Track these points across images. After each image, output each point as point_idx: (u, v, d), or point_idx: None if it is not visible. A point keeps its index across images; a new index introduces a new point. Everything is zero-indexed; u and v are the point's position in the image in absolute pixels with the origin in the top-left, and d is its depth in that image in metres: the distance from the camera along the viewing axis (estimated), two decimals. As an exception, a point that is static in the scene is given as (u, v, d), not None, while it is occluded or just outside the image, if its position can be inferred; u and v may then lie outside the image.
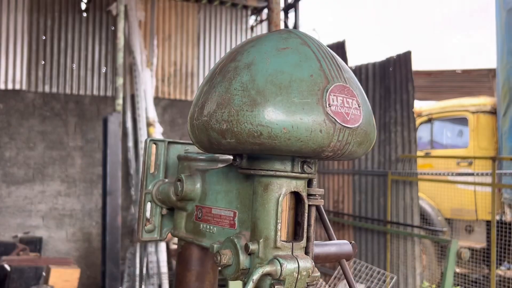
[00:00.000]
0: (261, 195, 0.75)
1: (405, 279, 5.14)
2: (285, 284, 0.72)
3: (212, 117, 0.70)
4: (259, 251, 0.74)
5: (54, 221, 6.23)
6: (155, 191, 1.01)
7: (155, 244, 6.11)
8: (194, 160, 0.97)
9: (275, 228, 0.74)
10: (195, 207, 0.94)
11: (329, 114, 0.65)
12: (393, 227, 5.25)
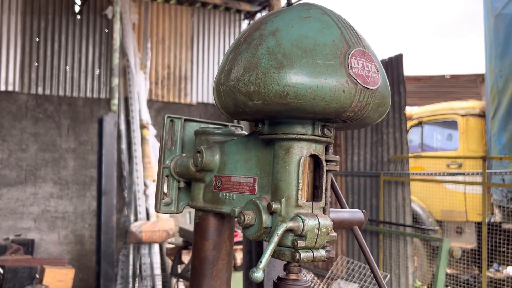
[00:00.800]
0: (283, 158, 0.79)
1: (398, 278, 5.20)
2: (306, 240, 0.76)
3: (239, 81, 0.74)
4: (281, 210, 0.78)
5: (46, 223, 6.19)
6: (172, 165, 1.05)
7: (148, 246, 6.10)
8: (211, 134, 1.01)
9: (297, 188, 0.78)
10: (213, 178, 0.98)
11: (351, 76, 0.70)
12: (386, 227, 5.31)
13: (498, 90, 5.98)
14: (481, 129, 6.62)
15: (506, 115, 5.86)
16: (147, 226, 5.72)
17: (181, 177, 1.04)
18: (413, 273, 5.22)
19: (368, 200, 5.68)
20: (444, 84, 11.14)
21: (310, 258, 0.77)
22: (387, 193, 5.41)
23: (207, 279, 1.01)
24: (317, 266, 6.04)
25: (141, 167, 6.33)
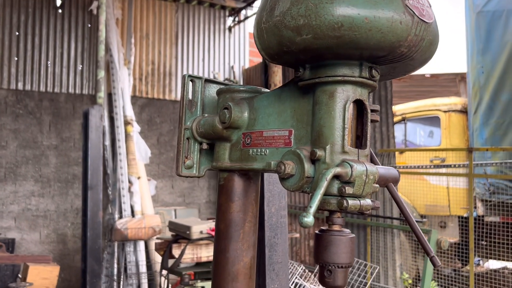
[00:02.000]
0: (326, 103, 0.76)
1: (385, 271, 5.23)
2: (354, 187, 0.74)
3: (286, 15, 0.71)
4: (326, 157, 0.75)
5: (27, 222, 6.01)
6: (195, 125, 1.01)
7: (133, 244, 5.98)
8: (237, 91, 0.98)
9: (342, 134, 0.75)
10: (241, 136, 0.95)
11: (408, 7, 0.68)
12: (373, 220, 5.35)
13: (480, 86, 6.11)
14: (463, 125, 6.75)
15: (488, 110, 5.99)
16: (133, 223, 5.62)
17: (204, 138, 1.01)
18: (401, 265, 5.27)
19: (355, 195, 5.71)
20: (424, 84, 11.35)
21: (357, 206, 0.75)
22: (374, 187, 5.45)
23: (234, 242, 0.98)
24: (305, 262, 6.05)
25: (126, 164, 6.22)
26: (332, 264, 0.76)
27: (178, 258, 3.79)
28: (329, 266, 0.76)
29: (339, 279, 0.76)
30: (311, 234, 6.25)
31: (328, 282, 0.77)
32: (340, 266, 0.76)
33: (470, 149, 4.52)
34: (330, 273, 0.77)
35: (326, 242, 0.77)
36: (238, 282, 0.97)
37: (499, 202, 5.70)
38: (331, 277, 0.76)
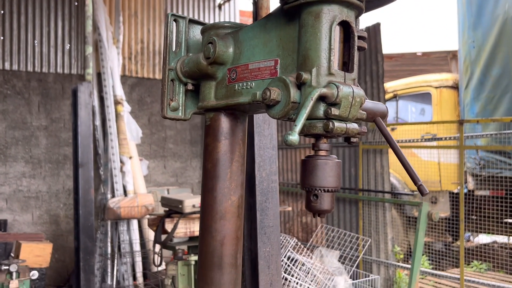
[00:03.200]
0: (312, 25, 0.75)
1: (377, 244, 5.29)
2: (340, 108, 0.73)
3: None
4: (312, 80, 0.74)
5: (19, 203, 5.97)
6: (179, 65, 0.99)
7: (127, 223, 5.99)
8: (221, 27, 0.96)
9: (329, 55, 0.74)
10: (226, 72, 0.93)
11: None
12: (365, 195, 5.39)
13: (471, 61, 6.12)
14: (454, 101, 6.77)
15: (479, 85, 6.01)
16: (125, 202, 5.60)
17: (189, 78, 0.99)
18: (392, 238, 5.33)
19: (347, 170, 5.74)
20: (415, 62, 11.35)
21: (343, 129, 0.74)
22: (366, 162, 5.47)
23: (222, 181, 0.97)
24: (298, 238, 6.09)
25: (117, 143, 6.17)
26: (318, 188, 0.75)
27: (171, 232, 3.79)
28: (315, 191, 0.76)
29: (325, 203, 0.76)
30: (304, 211, 6.30)
31: (314, 207, 0.76)
32: (327, 190, 0.75)
33: (461, 121, 4.55)
34: (316, 197, 0.76)
35: (312, 167, 0.76)
36: (226, 220, 0.97)
37: (489, 176, 5.76)
38: (317, 201, 0.76)
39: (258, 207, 2.26)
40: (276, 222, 2.32)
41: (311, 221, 6.14)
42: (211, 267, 0.97)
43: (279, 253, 2.32)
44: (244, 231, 2.40)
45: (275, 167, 2.31)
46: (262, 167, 2.27)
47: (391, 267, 5.22)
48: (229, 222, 0.98)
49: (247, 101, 0.87)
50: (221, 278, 0.97)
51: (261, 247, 2.25)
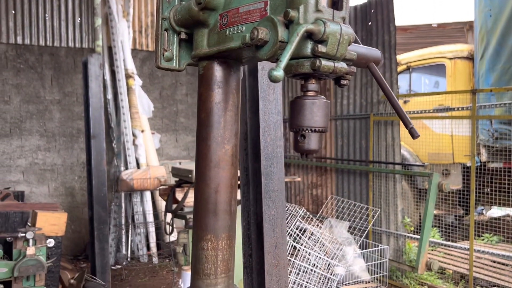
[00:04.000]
0: None
1: (387, 216, 5.31)
2: (327, 45, 0.73)
3: None
4: (299, 17, 0.74)
5: (35, 176, 6.12)
6: (172, 14, 0.99)
7: (140, 194, 6.10)
8: (214, -26, 0.95)
9: (316, -8, 0.74)
10: (218, 18, 0.93)
11: None
12: (375, 166, 5.37)
13: (487, 30, 5.96)
14: (469, 72, 6.64)
15: (495, 54, 5.86)
16: (138, 174, 5.70)
17: (182, 26, 0.99)
18: (402, 210, 5.33)
19: (357, 143, 5.72)
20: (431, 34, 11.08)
21: (331, 67, 0.74)
22: (377, 134, 5.44)
23: (215, 130, 0.98)
24: (309, 210, 6.14)
25: (129, 117, 6.24)
26: (306, 128, 0.76)
27: (181, 201, 3.86)
28: (303, 131, 0.77)
29: (312, 143, 0.77)
30: (314, 183, 6.32)
31: (301, 147, 0.77)
32: (314, 129, 0.76)
33: (474, 90, 4.46)
34: (303, 138, 0.77)
35: (299, 107, 0.77)
36: (220, 169, 0.99)
37: (502, 148, 5.69)
38: (305, 141, 0.77)
39: (263, 172, 2.28)
40: (281, 187, 2.34)
41: (322, 193, 6.17)
42: (206, 214, 1.00)
43: (284, 217, 2.35)
44: (250, 195, 2.43)
45: (280, 132, 2.32)
46: (267, 132, 2.28)
47: (401, 238, 5.24)
48: (223, 171, 0.99)
49: (238, 45, 0.87)
50: (216, 224, 1.00)
51: (266, 210, 2.28)
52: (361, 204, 5.01)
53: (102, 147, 4.58)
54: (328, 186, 6.07)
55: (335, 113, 6.02)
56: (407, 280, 4.99)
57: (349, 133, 5.82)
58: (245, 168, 2.43)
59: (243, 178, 2.46)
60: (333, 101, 6.05)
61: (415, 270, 4.66)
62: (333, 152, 6.05)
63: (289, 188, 6.78)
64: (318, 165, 6.22)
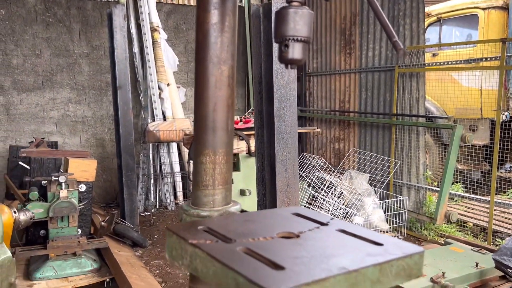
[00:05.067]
0: None
1: (409, 169, 5.31)
2: None
3: None
4: None
5: (67, 127, 6.39)
6: None
7: (167, 146, 6.30)
8: None
9: None
10: None
11: None
12: (399, 119, 5.34)
13: (525, -23, 5.64)
14: (503, 23, 6.35)
15: (531, 3, 5.57)
16: (164, 126, 5.87)
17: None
18: (424, 163, 5.32)
19: (381, 96, 5.66)
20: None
21: None
22: (401, 86, 5.36)
23: (212, 50, 1.05)
24: (330, 163, 6.21)
25: (155, 70, 6.35)
26: (289, 37, 0.81)
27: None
28: (286, 41, 0.82)
29: (296, 52, 0.82)
30: (337, 137, 6.35)
31: (285, 57, 0.83)
32: (297, 39, 0.81)
33: (504, 39, 4.30)
34: (287, 47, 0.82)
35: (282, 16, 0.81)
36: (217, 89, 1.06)
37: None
38: (288, 50, 0.82)
39: (276, 114, 2.35)
40: (294, 129, 2.41)
41: (344, 147, 6.20)
42: (204, 131, 1.08)
43: (296, 158, 2.44)
44: (264, 138, 2.52)
45: (293, 75, 2.36)
46: (280, 74, 2.32)
47: (422, 190, 5.26)
48: (220, 90, 1.07)
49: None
50: (214, 140, 1.08)
51: (278, 151, 2.36)
52: (383, 156, 5.02)
53: (128, 97, 4.72)
54: (351, 140, 6.09)
55: (359, 65, 5.94)
56: (426, 232, 5.06)
57: (373, 86, 5.76)
58: (259, 112, 2.51)
59: (257, 121, 2.54)
60: (358, 53, 5.95)
61: (433, 220, 4.71)
62: (356, 106, 6.02)
63: (312, 142, 6.83)
64: (341, 118, 6.22)
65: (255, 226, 0.92)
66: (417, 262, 0.77)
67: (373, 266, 0.70)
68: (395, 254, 0.74)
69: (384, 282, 0.71)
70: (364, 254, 0.75)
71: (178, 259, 0.85)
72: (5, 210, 1.88)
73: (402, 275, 0.74)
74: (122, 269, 3.65)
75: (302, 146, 6.95)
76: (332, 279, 0.65)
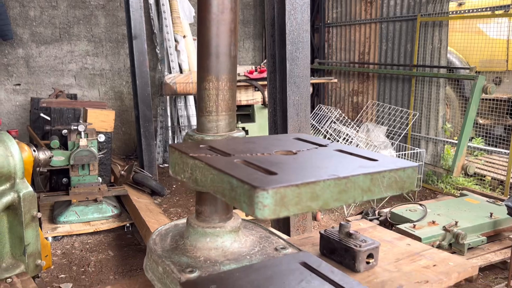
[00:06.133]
0: None
1: (428, 121, 5.23)
2: None
3: None
4: None
5: (86, 80, 6.46)
6: None
7: (184, 99, 6.33)
8: None
9: None
10: None
11: None
12: (419, 70, 5.20)
13: None
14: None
15: None
16: (181, 78, 5.87)
17: None
18: (444, 116, 5.23)
19: (402, 47, 5.50)
20: None
21: None
22: (423, 36, 5.19)
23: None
24: (348, 117, 6.15)
25: (170, 22, 6.28)
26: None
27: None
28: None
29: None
30: (355, 90, 6.25)
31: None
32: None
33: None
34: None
35: None
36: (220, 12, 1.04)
37: None
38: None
39: (288, 58, 2.32)
40: (306, 73, 2.38)
41: (362, 100, 6.11)
42: (208, 56, 1.08)
43: (308, 103, 2.42)
44: (276, 83, 2.50)
45: (306, 16, 2.30)
46: (293, 16, 2.27)
47: (440, 143, 5.20)
48: (222, 14, 1.05)
49: None
50: (217, 66, 1.08)
51: (290, 95, 2.35)
52: (402, 109, 4.94)
53: (144, 48, 4.72)
54: (369, 93, 5.99)
55: (380, 15, 5.75)
56: (443, 185, 5.04)
57: (394, 37, 5.59)
58: (272, 55, 2.48)
59: (270, 65, 2.51)
60: (380, 2, 5.74)
61: (450, 173, 4.68)
62: (376, 57, 5.88)
63: (330, 96, 6.75)
64: (360, 71, 6.10)
65: (255, 145, 0.93)
66: (410, 176, 0.78)
67: (363, 175, 0.71)
68: (387, 167, 0.75)
69: (375, 192, 0.72)
70: (357, 166, 0.76)
71: (180, 173, 0.88)
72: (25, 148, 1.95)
73: (394, 187, 0.75)
74: (141, 214, 3.78)
75: (319, 99, 6.88)
76: (322, 183, 0.66)
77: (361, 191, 0.71)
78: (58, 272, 3.23)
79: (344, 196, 0.69)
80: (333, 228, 1.22)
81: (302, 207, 0.65)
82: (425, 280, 1.06)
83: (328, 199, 0.67)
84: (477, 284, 3.11)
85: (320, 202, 0.66)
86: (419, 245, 1.27)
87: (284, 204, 0.63)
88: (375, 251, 1.11)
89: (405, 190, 0.77)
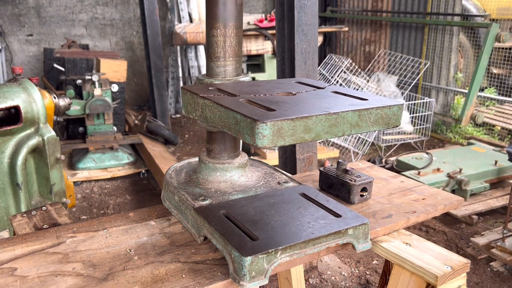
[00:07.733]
0: None
1: (439, 70, 5.21)
2: None
3: None
4: None
5: (97, 30, 6.47)
6: None
7: (194, 49, 6.34)
8: None
9: None
10: None
11: None
12: (432, 18, 5.12)
13: None
14: None
15: None
16: (191, 28, 5.85)
17: None
18: (455, 65, 5.19)
19: (416, -7, 5.37)
20: None
21: None
22: (438, -18, 5.05)
23: None
24: (361, 68, 6.13)
25: (180, -30, 6.18)
26: None
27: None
28: None
29: None
30: (367, 39, 6.17)
31: None
32: None
33: None
34: None
35: None
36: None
37: None
38: None
39: (296, 5, 2.33)
40: (314, 20, 2.40)
41: (374, 50, 6.06)
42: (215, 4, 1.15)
43: (316, 51, 2.46)
44: (284, 31, 2.53)
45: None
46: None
47: (450, 93, 5.20)
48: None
49: None
50: (224, 13, 1.15)
51: (298, 44, 2.39)
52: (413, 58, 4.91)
53: (154, -4, 4.69)
54: (382, 42, 5.93)
55: (395, -40, 5.58)
56: (451, 134, 5.09)
57: (408, -17, 5.45)
58: (280, 3, 2.50)
59: (278, 13, 2.54)
60: None
61: (459, 122, 4.72)
62: (389, 5, 5.76)
63: (341, 45, 6.69)
64: (372, 19, 6.00)
65: (258, 88, 1.02)
66: (395, 113, 0.87)
67: (352, 111, 0.80)
68: (374, 104, 0.84)
69: (362, 126, 0.82)
70: (347, 104, 0.84)
71: (192, 112, 0.99)
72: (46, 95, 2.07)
73: (380, 122, 0.84)
74: (156, 161, 3.95)
75: (331, 48, 6.83)
76: (314, 118, 0.76)
77: (349, 125, 0.80)
78: (80, 214, 3.45)
79: (334, 129, 0.79)
80: (332, 166, 1.33)
81: (297, 138, 0.75)
82: (413, 211, 1.17)
83: (320, 132, 0.77)
84: (477, 228, 3.25)
85: (313, 134, 0.76)
86: (412, 182, 1.37)
87: (280, 135, 0.73)
88: (369, 185, 1.22)
89: (390, 126, 0.86)
